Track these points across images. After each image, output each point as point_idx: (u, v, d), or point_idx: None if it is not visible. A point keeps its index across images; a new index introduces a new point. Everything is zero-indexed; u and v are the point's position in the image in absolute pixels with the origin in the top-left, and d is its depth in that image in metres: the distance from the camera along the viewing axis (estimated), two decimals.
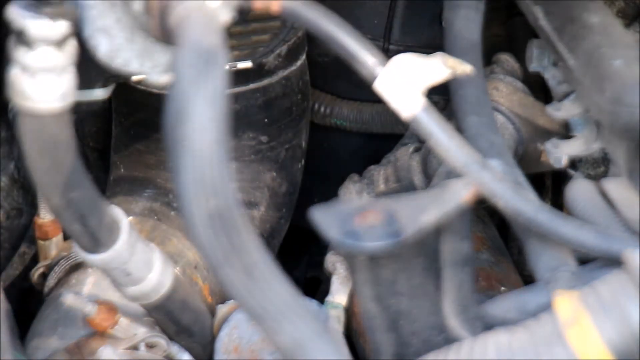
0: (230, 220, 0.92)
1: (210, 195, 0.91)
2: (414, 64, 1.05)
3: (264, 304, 0.94)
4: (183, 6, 0.98)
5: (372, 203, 0.93)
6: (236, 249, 0.93)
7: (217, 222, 0.92)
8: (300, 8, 1.04)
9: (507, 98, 1.20)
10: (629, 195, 1.07)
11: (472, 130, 1.13)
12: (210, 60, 0.92)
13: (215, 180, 0.92)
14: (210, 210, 0.92)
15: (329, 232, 0.91)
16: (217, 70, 0.92)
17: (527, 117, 1.19)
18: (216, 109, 0.91)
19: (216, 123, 0.91)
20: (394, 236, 0.90)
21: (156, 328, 1.11)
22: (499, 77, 1.23)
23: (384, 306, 0.96)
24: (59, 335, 1.13)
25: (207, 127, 0.91)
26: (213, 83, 0.92)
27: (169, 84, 0.92)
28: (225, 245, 0.92)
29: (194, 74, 0.91)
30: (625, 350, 0.86)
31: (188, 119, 0.90)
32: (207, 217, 0.92)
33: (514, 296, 1.04)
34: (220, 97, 0.92)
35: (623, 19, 1.12)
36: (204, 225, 0.92)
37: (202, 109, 0.91)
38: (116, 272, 1.04)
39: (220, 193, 0.92)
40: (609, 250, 0.99)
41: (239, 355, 1.10)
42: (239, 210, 0.93)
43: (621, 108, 0.99)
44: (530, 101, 1.20)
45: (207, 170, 0.91)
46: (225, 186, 0.92)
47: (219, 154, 0.92)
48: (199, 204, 0.92)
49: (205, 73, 0.92)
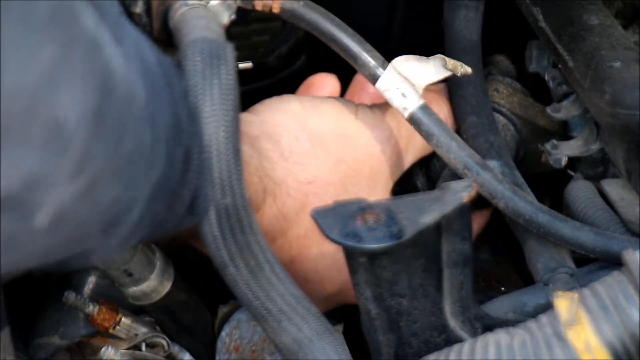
0: (238, 220, 0.92)
1: (220, 193, 0.91)
2: (414, 65, 1.05)
3: (267, 304, 0.94)
4: (185, 7, 0.98)
5: (373, 204, 0.94)
6: (242, 248, 0.93)
7: (225, 221, 0.92)
8: (300, 9, 1.05)
9: (508, 99, 1.20)
10: (628, 196, 1.07)
11: (472, 131, 1.13)
12: (219, 54, 0.92)
13: (225, 177, 0.92)
14: (219, 209, 0.92)
15: (330, 233, 0.91)
16: (227, 61, 0.92)
17: (528, 118, 1.19)
18: (228, 102, 0.91)
19: (229, 117, 0.91)
20: (395, 237, 0.90)
21: (157, 328, 1.11)
22: (498, 78, 1.23)
23: (385, 307, 0.96)
24: (60, 335, 1.13)
25: (221, 122, 0.91)
26: (225, 73, 0.92)
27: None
28: (231, 244, 0.93)
29: (205, 67, 0.91)
30: (625, 351, 0.86)
31: (202, 114, 0.90)
32: (216, 215, 0.92)
33: (514, 297, 1.04)
34: (232, 88, 0.92)
35: (622, 20, 1.12)
36: (213, 224, 0.92)
37: (214, 101, 0.91)
38: (117, 272, 1.04)
39: (230, 191, 0.92)
40: (608, 251, 0.99)
41: (240, 355, 1.10)
42: (247, 209, 0.93)
43: (620, 109, 0.99)
44: (530, 102, 1.21)
45: (219, 167, 0.91)
46: (235, 184, 0.92)
47: (233, 151, 0.92)
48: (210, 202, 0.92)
49: (217, 65, 0.92)
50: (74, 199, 0.72)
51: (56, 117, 0.67)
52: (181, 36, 0.95)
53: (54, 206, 0.70)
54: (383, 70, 1.04)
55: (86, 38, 0.69)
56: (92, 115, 0.70)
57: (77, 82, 0.68)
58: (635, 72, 1.00)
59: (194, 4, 0.99)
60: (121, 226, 0.82)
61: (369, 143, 1.09)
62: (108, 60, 0.72)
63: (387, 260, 0.94)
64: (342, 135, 1.09)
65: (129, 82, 0.75)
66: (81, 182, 0.72)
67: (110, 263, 1.03)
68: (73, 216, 0.74)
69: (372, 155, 1.10)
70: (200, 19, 0.97)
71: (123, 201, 0.79)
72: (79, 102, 0.68)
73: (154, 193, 0.83)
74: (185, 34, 0.95)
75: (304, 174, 1.06)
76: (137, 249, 1.03)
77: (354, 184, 1.08)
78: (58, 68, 0.66)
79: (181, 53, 0.93)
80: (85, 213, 0.75)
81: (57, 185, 0.69)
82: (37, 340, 1.14)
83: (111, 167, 0.75)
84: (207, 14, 0.99)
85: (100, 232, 0.80)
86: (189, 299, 1.12)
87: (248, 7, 1.05)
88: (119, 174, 0.77)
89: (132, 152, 0.77)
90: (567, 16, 1.08)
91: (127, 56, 0.76)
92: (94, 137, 0.71)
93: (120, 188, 0.78)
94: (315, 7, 1.05)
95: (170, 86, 0.86)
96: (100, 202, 0.76)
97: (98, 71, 0.71)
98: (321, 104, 1.10)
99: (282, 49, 1.31)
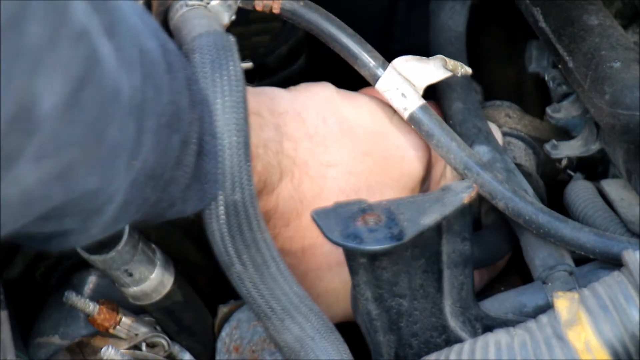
0: (246, 216, 0.92)
1: (230, 189, 0.91)
2: (415, 65, 1.05)
3: (271, 303, 0.94)
4: (185, 7, 0.98)
5: (373, 205, 0.94)
6: (249, 245, 0.93)
7: (234, 217, 0.92)
8: (300, 9, 1.05)
9: (521, 123, 1.21)
10: (628, 196, 1.07)
11: (459, 117, 1.13)
12: (226, 45, 0.92)
13: (236, 173, 0.92)
14: (228, 204, 0.91)
15: (331, 234, 0.91)
16: (234, 54, 0.92)
17: (542, 137, 1.20)
18: (238, 95, 0.91)
19: (239, 111, 0.91)
20: (395, 238, 0.90)
21: (157, 328, 1.11)
22: (497, 103, 1.23)
23: (385, 307, 0.96)
24: (60, 335, 1.13)
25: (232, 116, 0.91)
26: (233, 66, 0.92)
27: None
28: (238, 241, 0.92)
29: (213, 58, 0.91)
30: (625, 351, 0.86)
31: (212, 107, 0.90)
32: (225, 211, 0.92)
33: (513, 297, 1.04)
34: (240, 80, 0.92)
35: (621, 20, 1.12)
36: (221, 220, 0.92)
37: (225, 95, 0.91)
38: (118, 272, 1.04)
39: (239, 187, 0.92)
40: (608, 252, 0.99)
41: (240, 355, 1.10)
42: (255, 206, 0.93)
43: (620, 110, 0.99)
44: (538, 122, 1.21)
45: (230, 162, 0.91)
46: (245, 180, 0.92)
47: (244, 146, 0.91)
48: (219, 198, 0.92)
49: (224, 57, 0.92)
50: (43, 182, 0.71)
51: (30, 98, 0.66)
52: (182, 36, 0.95)
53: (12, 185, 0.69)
54: (383, 70, 1.04)
55: (74, 26, 0.69)
56: (68, 102, 0.70)
57: (59, 69, 0.68)
58: (635, 73, 1.00)
59: (194, 5, 0.99)
60: (102, 214, 0.81)
61: (401, 147, 1.07)
62: (95, 50, 0.72)
63: (387, 261, 0.94)
64: (373, 131, 1.07)
65: (116, 75, 0.75)
66: (48, 166, 0.71)
67: (110, 263, 1.03)
68: (42, 198, 0.73)
69: (403, 160, 1.08)
70: (201, 19, 0.97)
71: (102, 191, 0.79)
72: (56, 87, 0.68)
73: (138, 180, 0.82)
74: (187, 34, 0.95)
75: (325, 156, 1.04)
76: (137, 250, 1.03)
77: (378, 182, 1.06)
78: (43, 51, 0.66)
79: (186, 49, 0.93)
80: (59, 198, 0.75)
81: (18, 164, 0.69)
82: (37, 340, 1.14)
83: (89, 156, 0.74)
84: (207, 14, 0.99)
85: (79, 218, 0.80)
86: (189, 299, 1.12)
87: (248, 7, 1.05)
88: (97, 164, 0.76)
89: (115, 144, 0.77)
90: (567, 16, 1.08)
91: (118, 48, 0.75)
92: (67, 124, 0.70)
93: (98, 178, 0.77)
94: (315, 7, 1.05)
95: (171, 72, 0.85)
96: (75, 189, 0.75)
97: (82, 60, 0.70)
98: (358, 96, 1.08)
99: (282, 49, 1.31)
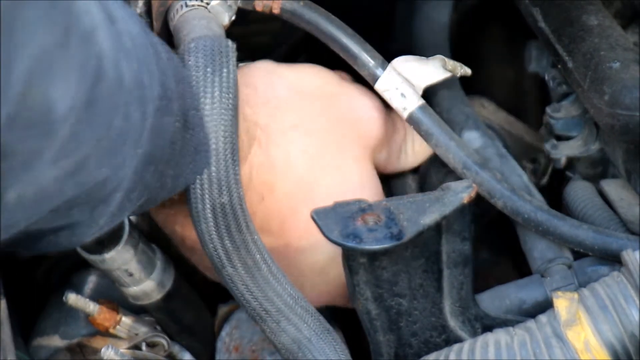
0: (235, 218, 0.93)
1: (217, 192, 0.92)
2: (414, 65, 1.05)
3: (265, 305, 0.94)
4: (186, 8, 0.98)
5: (373, 205, 0.94)
6: (239, 247, 0.93)
7: (222, 219, 0.92)
8: (300, 9, 1.05)
9: (495, 115, 1.21)
10: (628, 196, 1.07)
11: (445, 103, 1.14)
12: (222, 50, 0.92)
13: (223, 177, 0.92)
14: (215, 207, 0.92)
15: (330, 234, 0.91)
16: (229, 59, 0.93)
17: (516, 133, 1.20)
18: (229, 100, 0.92)
19: (228, 116, 0.92)
20: (395, 238, 0.90)
21: (157, 328, 1.11)
22: (475, 96, 1.23)
23: (385, 307, 0.96)
24: (61, 335, 1.13)
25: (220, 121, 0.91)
26: (227, 71, 0.92)
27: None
28: (227, 243, 0.93)
29: (207, 63, 0.91)
30: (624, 351, 0.87)
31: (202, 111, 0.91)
32: (212, 213, 0.92)
33: (512, 294, 1.04)
34: (233, 86, 0.92)
35: (621, 20, 1.12)
36: (210, 222, 0.92)
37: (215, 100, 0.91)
38: (118, 272, 1.04)
39: (227, 190, 0.92)
40: (607, 248, 0.99)
41: (240, 355, 1.11)
42: (243, 208, 0.93)
43: (620, 110, 0.99)
44: (513, 119, 1.21)
45: (217, 166, 0.91)
46: (233, 182, 0.92)
47: (231, 150, 0.92)
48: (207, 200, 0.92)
49: (219, 62, 0.92)
50: (58, 180, 0.72)
51: (46, 102, 0.67)
52: (182, 36, 0.95)
53: (30, 185, 0.69)
54: (383, 70, 1.04)
55: (82, 26, 0.69)
56: (84, 102, 0.70)
57: (72, 71, 0.68)
58: (635, 73, 1.00)
59: (194, 5, 0.99)
60: (109, 203, 0.82)
61: (355, 108, 1.06)
62: (100, 45, 0.72)
63: (387, 261, 0.94)
64: (324, 93, 1.06)
65: (118, 63, 0.74)
66: (67, 165, 0.71)
67: (110, 263, 1.03)
68: (56, 193, 0.73)
69: (359, 121, 1.06)
70: (201, 20, 0.98)
71: (111, 179, 0.79)
72: (71, 90, 0.68)
73: (140, 166, 0.83)
74: (186, 34, 0.95)
75: (284, 119, 1.03)
76: (137, 249, 1.04)
77: (337, 142, 1.05)
78: (54, 55, 0.66)
79: (183, 50, 0.93)
80: (72, 192, 0.75)
81: (37, 166, 0.69)
82: (37, 340, 1.14)
83: (100, 149, 0.75)
84: (207, 14, 0.99)
85: (87, 208, 0.80)
86: (189, 299, 1.12)
87: (248, 7, 1.05)
88: (108, 154, 0.76)
89: (122, 132, 0.77)
90: (567, 17, 1.08)
91: (117, 34, 0.75)
92: (83, 123, 0.71)
93: (108, 168, 0.77)
94: (315, 8, 1.05)
95: (156, 54, 0.86)
96: (88, 181, 0.76)
97: (92, 59, 0.70)
98: (302, 64, 1.08)
99: (282, 49, 1.31)
